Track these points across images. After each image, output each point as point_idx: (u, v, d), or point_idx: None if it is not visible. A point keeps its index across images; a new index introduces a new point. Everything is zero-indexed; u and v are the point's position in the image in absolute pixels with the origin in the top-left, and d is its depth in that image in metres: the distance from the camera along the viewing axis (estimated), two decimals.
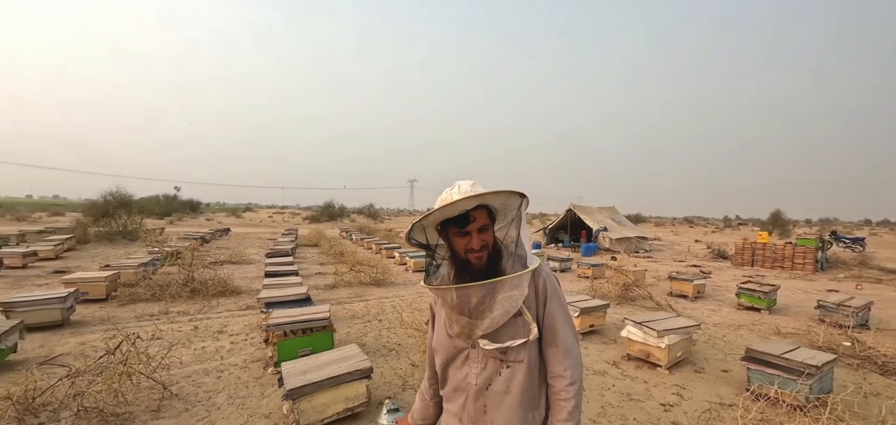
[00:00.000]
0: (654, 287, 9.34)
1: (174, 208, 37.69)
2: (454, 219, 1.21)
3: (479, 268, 1.24)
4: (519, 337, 1.23)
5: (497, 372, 1.25)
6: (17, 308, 5.09)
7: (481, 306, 1.21)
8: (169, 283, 7.23)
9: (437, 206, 1.19)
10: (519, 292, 1.22)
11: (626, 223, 20.97)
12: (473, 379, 1.27)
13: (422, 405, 1.52)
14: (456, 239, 1.24)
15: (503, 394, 1.24)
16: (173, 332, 5.26)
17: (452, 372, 1.33)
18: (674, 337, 4.38)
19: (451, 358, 1.33)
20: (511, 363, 1.25)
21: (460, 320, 1.24)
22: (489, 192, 1.17)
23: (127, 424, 3.11)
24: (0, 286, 7.71)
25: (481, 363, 1.27)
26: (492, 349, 1.23)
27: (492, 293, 1.20)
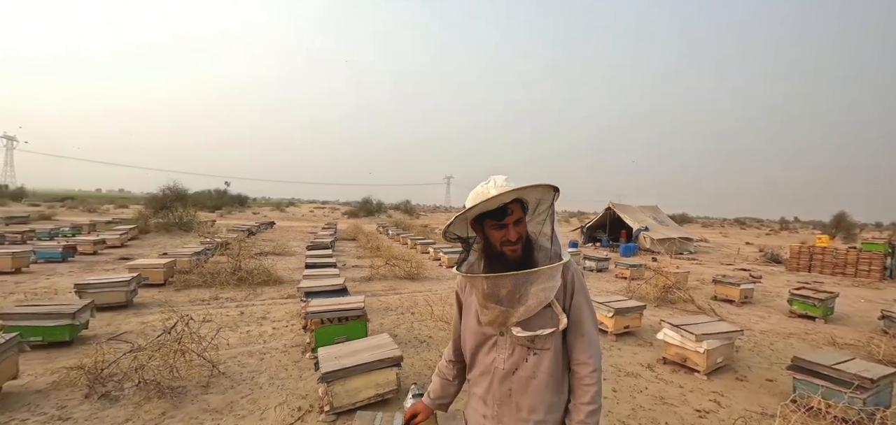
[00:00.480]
0: (697, 290, 8.92)
1: (224, 202, 40.01)
2: (492, 212, 1.27)
3: (515, 260, 1.29)
4: (548, 327, 1.30)
5: (524, 359, 1.32)
6: (89, 289, 5.67)
7: (515, 295, 1.26)
8: (218, 272, 7.76)
9: (474, 201, 1.24)
10: (552, 284, 1.27)
11: (670, 223, 20.04)
12: (501, 364, 1.33)
13: (441, 383, 1.58)
14: (492, 231, 1.29)
15: (529, 379, 1.31)
16: (221, 316, 5.66)
17: (481, 357, 1.41)
18: (713, 343, 4.19)
19: (480, 344, 1.40)
20: (538, 350, 1.31)
21: (494, 309, 1.29)
22: (528, 187, 1.22)
23: (180, 396, 3.40)
24: (75, 269, 8.57)
25: (509, 349, 1.33)
26: (523, 337, 1.29)
27: (525, 283, 1.25)
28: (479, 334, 1.39)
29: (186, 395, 3.44)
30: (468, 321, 1.44)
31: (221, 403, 3.35)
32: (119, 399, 3.34)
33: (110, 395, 3.38)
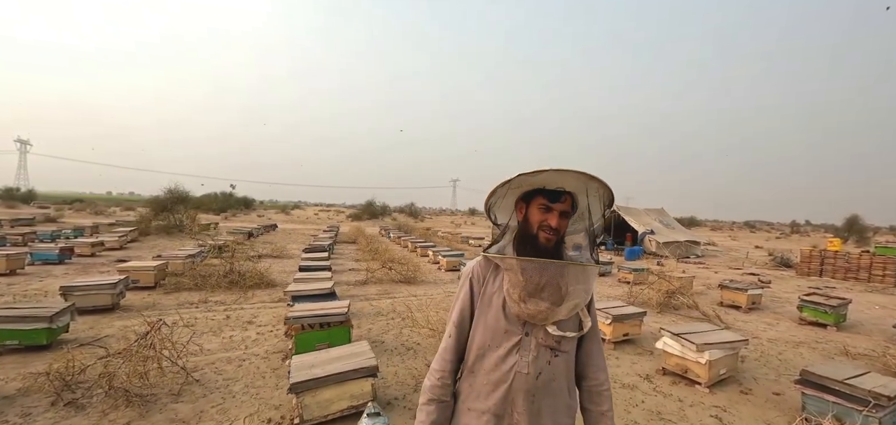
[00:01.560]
0: (703, 296, 8.63)
1: (230, 205, 40.19)
2: (547, 192, 1.24)
3: (546, 248, 1.24)
4: (574, 329, 1.27)
5: (547, 362, 1.25)
6: (74, 292, 5.56)
7: (560, 290, 1.21)
8: (210, 274, 7.64)
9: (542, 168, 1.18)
10: (589, 287, 1.26)
11: (676, 226, 19.64)
12: (524, 368, 1.23)
13: (441, 411, 1.31)
14: (536, 210, 1.25)
15: (550, 382, 1.25)
16: (207, 321, 5.51)
17: (491, 364, 1.25)
18: (716, 353, 3.95)
19: (497, 345, 1.25)
20: (560, 352, 1.27)
21: (539, 303, 1.20)
22: (598, 179, 1.19)
23: (149, 405, 3.24)
24: (70, 271, 8.51)
25: (534, 351, 1.24)
26: (555, 336, 1.24)
27: (570, 277, 1.21)
28: (499, 333, 1.25)
29: (156, 404, 3.28)
30: (486, 316, 1.28)
31: (190, 413, 3.18)
32: (86, 407, 3.19)
33: (77, 403, 3.23)
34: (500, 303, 1.27)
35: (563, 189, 1.25)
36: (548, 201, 1.24)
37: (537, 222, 1.25)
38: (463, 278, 1.35)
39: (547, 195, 1.25)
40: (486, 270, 1.33)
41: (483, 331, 1.28)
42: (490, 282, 1.31)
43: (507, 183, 1.25)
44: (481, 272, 1.33)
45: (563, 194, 1.25)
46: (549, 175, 1.19)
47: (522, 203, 1.30)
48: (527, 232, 1.28)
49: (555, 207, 1.24)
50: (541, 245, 1.25)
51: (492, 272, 1.32)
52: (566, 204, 1.26)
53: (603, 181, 1.20)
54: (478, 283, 1.32)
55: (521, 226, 1.31)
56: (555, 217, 1.24)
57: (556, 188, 1.24)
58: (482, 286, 1.31)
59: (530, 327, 1.25)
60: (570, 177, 1.20)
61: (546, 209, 1.25)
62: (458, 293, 1.36)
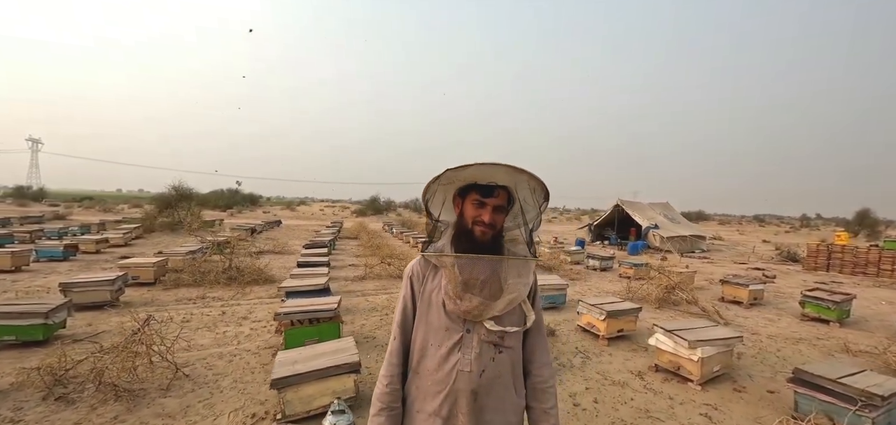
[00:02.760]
0: (705, 291, 8.52)
1: (236, 201, 40.52)
2: (480, 187, 1.23)
3: (481, 243, 1.24)
4: (516, 324, 1.26)
5: (490, 359, 1.23)
6: (73, 288, 5.63)
7: (494, 285, 1.21)
8: (209, 270, 7.70)
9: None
10: (529, 279, 1.26)
11: (682, 220, 19.43)
12: (467, 367, 1.21)
13: (393, 420, 1.28)
14: (470, 206, 1.25)
15: (495, 379, 1.22)
16: (202, 316, 5.56)
17: (433, 364, 1.23)
18: (709, 349, 3.89)
19: (437, 345, 1.23)
20: (504, 348, 1.24)
21: (472, 299, 1.20)
22: (528, 172, 1.18)
23: (137, 399, 3.28)
24: (74, 268, 8.64)
25: (476, 348, 1.21)
26: (495, 331, 1.21)
27: (505, 271, 1.22)
28: (440, 331, 1.23)
29: (144, 398, 3.31)
30: (427, 315, 1.26)
31: (177, 407, 3.21)
32: (76, 401, 3.23)
33: (68, 397, 3.27)
34: (440, 301, 1.26)
35: (496, 183, 1.24)
36: (480, 196, 1.23)
37: (472, 217, 1.25)
38: (404, 278, 1.34)
39: (480, 190, 1.24)
40: (425, 269, 1.32)
41: (424, 331, 1.27)
42: (429, 281, 1.30)
43: (437, 179, 1.24)
44: (421, 271, 1.32)
45: (496, 189, 1.24)
46: (477, 169, 1.18)
47: (459, 198, 1.30)
48: (463, 227, 1.27)
49: (488, 202, 1.23)
50: (477, 240, 1.24)
51: (432, 270, 1.31)
52: (500, 198, 1.25)
53: (532, 174, 1.19)
54: (418, 282, 1.31)
55: (458, 222, 1.30)
56: (488, 212, 1.23)
57: (488, 183, 1.23)
58: (422, 285, 1.30)
59: (471, 324, 1.23)
60: (499, 171, 1.19)
61: (479, 204, 1.24)
62: (400, 294, 1.34)
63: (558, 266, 10.57)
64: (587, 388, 3.73)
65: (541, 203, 1.29)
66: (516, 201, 1.31)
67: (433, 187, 1.27)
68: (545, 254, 11.67)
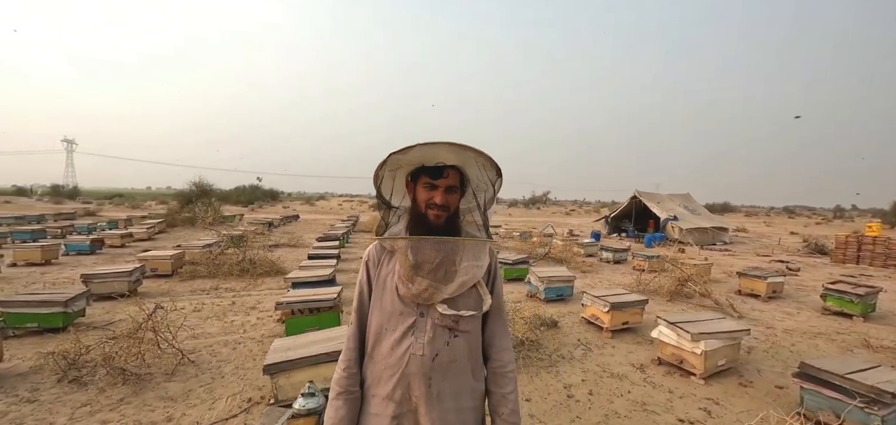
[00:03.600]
0: (721, 284, 8.26)
1: (256, 197, 41.55)
2: (429, 169, 1.21)
3: (436, 226, 1.22)
4: (472, 308, 1.24)
5: (445, 343, 1.21)
6: (94, 279, 5.90)
7: (445, 268, 1.20)
8: (224, 262, 7.93)
9: None
10: (482, 262, 1.25)
11: (703, 212, 18.82)
12: (419, 351, 1.19)
13: (349, 406, 1.26)
14: (421, 189, 1.24)
15: (450, 363, 1.21)
16: (213, 306, 5.74)
17: (390, 345, 1.22)
18: (713, 343, 3.77)
19: (392, 328, 1.23)
20: (460, 332, 1.22)
21: (421, 282, 1.19)
22: (472, 148, 1.15)
23: (144, 383, 3.42)
24: (100, 261, 9.04)
25: (430, 332, 1.20)
26: (449, 314, 1.20)
27: (456, 254, 1.21)
28: (394, 315, 1.22)
29: (150, 382, 3.45)
30: (381, 300, 1.26)
31: (179, 391, 3.33)
32: (88, 384, 3.39)
33: (81, 380, 3.44)
34: (394, 286, 1.25)
35: (444, 164, 1.22)
36: (430, 178, 1.22)
37: (424, 201, 1.24)
38: (361, 264, 1.34)
39: (429, 172, 1.22)
40: (381, 253, 1.32)
41: (379, 315, 1.26)
42: (384, 265, 1.29)
43: (383, 164, 1.22)
44: (376, 255, 1.32)
45: (446, 169, 1.22)
46: (422, 150, 1.16)
47: (411, 182, 1.28)
48: (417, 212, 1.26)
49: (438, 183, 1.22)
50: (431, 224, 1.23)
51: (387, 255, 1.31)
52: (451, 179, 1.23)
53: (479, 151, 1.16)
54: (373, 266, 1.31)
55: (412, 208, 1.29)
56: (439, 193, 1.21)
57: (435, 164, 1.21)
58: (377, 269, 1.30)
59: (425, 308, 1.22)
60: (443, 150, 1.17)
61: (430, 187, 1.23)
62: (357, 279, 1.35)
63: (570, 258, 10.43)
64: (583, 380, 3.68)
65: (493, 181, 1.26)
66: (470, 180, 1.30)
67: (381, 173, 1.25)
68: (558, 247, 11.54)
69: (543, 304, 6.27)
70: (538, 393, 3.41)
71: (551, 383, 3.60)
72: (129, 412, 3.02)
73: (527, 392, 3.42)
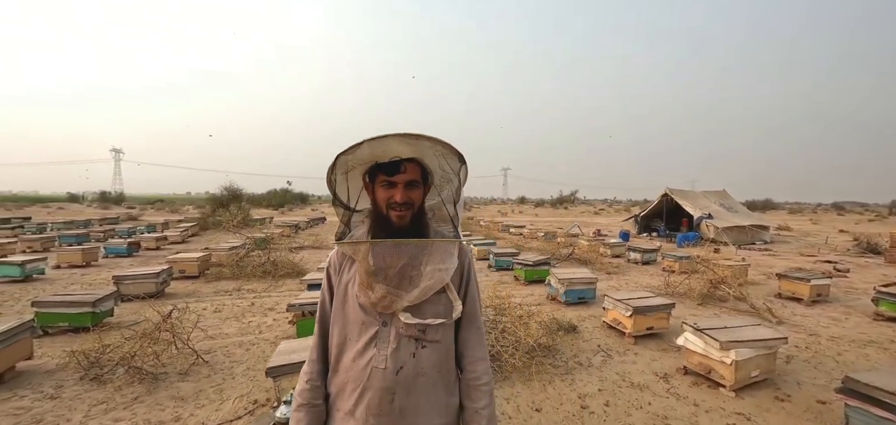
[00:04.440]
0: (760, 287, 7.72)
1: (287, 200, 42.77)
2: (384, 166, 1.12)
3: (400, 228, 1.14)
4: (442, 315, 1.14)
5: (410, 354, 1.11)
6: (124, 281, 6.16)
7: (406, 273, 1.11)
8: (248, 264, 8.13)
9: None
10: (449, 265, 1.14)
11: (741, 210, 17.79)
12: (382, 363, 1.10)
13: (314, 416, 1.19)
14: (380, 189, 1.15)
15: (416, 377, 1.11)
16: (233, 307, 5.87)
17: (349, 360, 1.14)
18: (745, 351, 3.48)
19: (354, 339, 1.14)
20: (428, 343, 1.13)
21: (380, 289, 1.10)
22: (426, 136, 1.05)
23: (158, 382, 3.50)
24: (135, 263, 9.48)
25: (393, 343, 1.11)
26: (413, 324, 1.10)
27: (419, 257, 1.12)
28: (355, 326, 1.13)
29: (164, 382, 3.53)
30: (343, 309, 1.17)
31: (191, 391, 3.39)
32: (107, 382, 3.50)
33: (102, 378, 3.55)
34: (355, 293, 1.15)
35: (400, 158, 1.12)
36: (386, 176, 1.13)
37: (384, 201, 1.15)
38: (324, 272, 1.25)
39: (384, 169, 1.13)
40: (342, 259, 1.22)
41: (341, 325, 1.17)
42: (346, 271, 1.20)
43: (332, 168, 1.13)
44: (338, 261, 1.23)
45: (402, 163, 1.13)
46: (371, 145, 1.07)
47: (370, 183, 1.20)
48: (379, 214, 1.17)
49: (396, 179, 1.13)
50: (394, 225, 1.14)
51: (348, 260, 1.21)
52: (410, 173, 1.13)
53: (435, 139, 1.07)
54: (335, 273, 1.22)
55: (373, 210, 1.20)
56: (399, 191, 1.13)
57: (390, 159, 1.12)
58: (338, 275, 1.21)
59: (388, 317, 1.12)
60: (394, 143, 1.07)
61: (388, 184, 1.14)
62: (321, 287, 1.26)
63: (595, 259, 10.07)
64: (600, 390, 3.48)
65: (456, 170, 1.16)
66: (433, 173, 1.20)
67: (332, 177, 1.17)
68: (583, 248, 11.18)
69: (564, 307, 6.05)
70: (550, 402, 3.24)
71: (565, 392, 3.41)
72: (140, 411, 3.08)
73: (538, 400, 3.25)
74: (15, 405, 3.13)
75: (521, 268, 7.97)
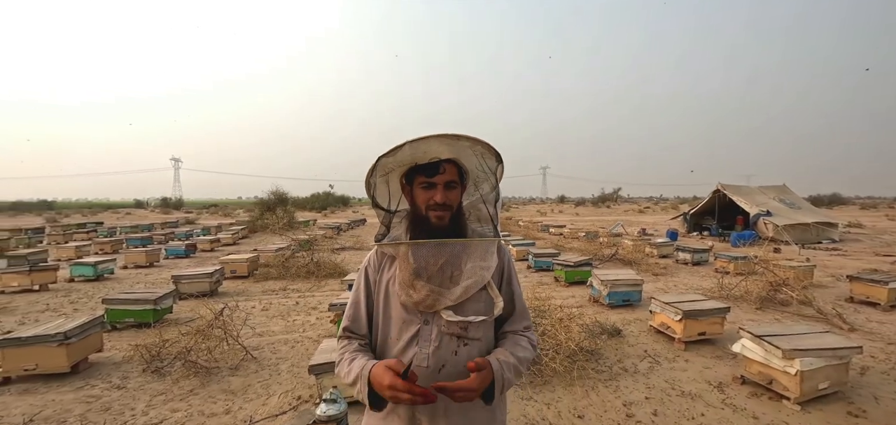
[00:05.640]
0: (827, 290, 7.06)
1: (329, 202, 44.32)
2: (423, 167, 1.14)
3: (439, 228, 1.15)
4: (483, 313, 1.15)
5: (452, 352, 1.12)
6: (182, 280, 6.61)
7: (448, 271, 1.12)
8: (292, 265, 8.48)
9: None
10: (490, 262, 1.16)
11: (804, 205, 16.34)
12: (424, 362, 1.11)
13: (363, 345, 1.21)
14: (419, 190, 1.17)
15: (458, 374, 1.09)
16: (279, 305, 6.13)
17: (392, 357, 1.15)
18: (812, 361, 3.17)
19: (396, 338, 1.16)
20: (469, 340, 1.13)
21: (423, 288, 1.11)
22: (466, 136, 1.07)
23: (211, 376, 3.71)
24: (192, 263, 10.16)
25: (435, 341, 1.11)
26: (455, 321, 1.11)
27: (459, 256, 1.13)
28: (397, 324, 1.15)
29: (216, 375, 3.74)
30: (384, 307, 1.20)
31: (240, 385, 3.56)
32: (166, 375, 3.76)
33: (161, 371, 3.82)
34: (396, 292, 1.17)
35: (438, 159, 1.13)
36: (426, 176, 1.14)
37: (424, 203, 1.16)
38: (361, 270, 1.27)
39: (424, 170, 1.14)
40: (381, 259, 1.24)
41: (383, 323, 1.19)
42: (385, 270, 1.22)
43: (372, 170, 1.14)
44: (377, 261, 1.24)
45: (442, 164, 1.14)
46: (412, 147, 1.08)
47: (407, 186, 1.21)
48: (418, 215, 1.18)
49: (436, 180, 1.13)
50: (433, 226, 1.15)
51: (388, 259, 1.23)
52: (449, 173, 1.14)
53: (475, 138, 1.07)
54: (374, 272, 1.23)
55: (411, 211, 1.22)
56: (439, 192, 1.13)
57: (429, 160, 1.13)
58: (378, 274, 1.22)
59: (429, 315, 1.12)
60: (434, 144, 1.08)
61: (428, 186, 1.15)
62: (354, 285, 1.28)
63: (641, 260, 9.63)
64: (647, 398, 3.30)
65: (493, 169, 1.18)
66: (470, 172, 1.21)
67: (372, 180, 1.18)
68: (628, 248, 10.73)
69: (607, 310, 5.82)
70: (593, 409, 3.12)
71: (609, 399, 3.27)
72: (195, 403, 3.28)
73: (580, 407, 3.14)
74: (87, 393, 3.43)
75: (562, 269, 7.76)
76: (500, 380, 1.08)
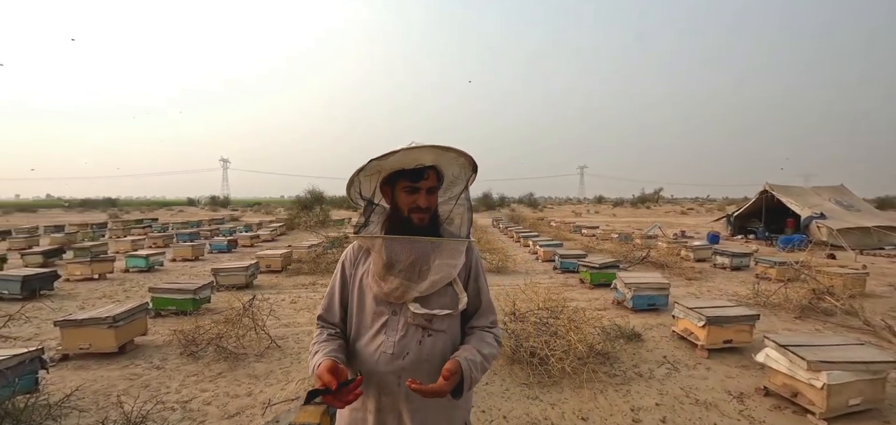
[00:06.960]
0: (884, 300, 6.49)
1: None
2: (408, 172, 1.22)
3: (421, 228, 1.24)
4: (448, 307, 1.23)
5: (416, 342, 1.20)
6: (220, 273, 7.10)
7: (417, 266, 1.21)
8: (323, 261, 8.85)
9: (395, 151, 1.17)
10: (457, 261, 1.25)
11: (864, 208, 14.97)
12: (389, 348, 1.19)
13: (333, 334, 1.28)
14: (402, 194, 1.24)
15: (420, 363, 1.19)
16: (307, 299, 6.44)
17: (362, 346, 1.26)
18: (841, 375, 2.97)
19: (367, 327, 1.26)
20: (433, 331, 1.22)
21: (393, 280, 1.20)
22: (453, 149, 1.18)
23: (239, 361, 4.00)
24: (234, 258, 10.82)
25: (401, 331, 1.20)
26: (421, 313, 1.19)
27: (429, 254, 1.22)
28: (369, 314, 1.25)
29: (243, 361, 4.02)
30: (359, 299, 1.28)
31: (263, 371, 3.82)
32: (199, 358, 4.09)
33: (196, 354, 4.16)
34: (369, 284, 1.26)
35: (423, 165, 1.22)
36: (411, 181, 1.22)
37: (407, 205, 1.24)
38: (338, 264, 1.36)
39: (409, 175, 1.22)
40: (358, 252, 1.33)
41: (357, 313, 1.28)
42: (361, 264, 1.30)
43: (361, 170, 1.22)
44: (353, 255, 1.33)
45: (426, 170, 1.23)
46: (404, 154, 1.17)
47: (386, 187, 1.28)
48: (399, 216, 1.26)
49: (420, 185, 1.22)
50: (415, 227, 1.24)
51: (364, 253, 1.32)
52: (431, 179, 1.24)
53: (460, 150, 1.19)
54: (350, 265, 1.32)
55: (391, 211, 1.30)
56: (422, 196, 1.23)
57: (415, 166, 1.21)
58: (353, 267, 1.31)
59: (398, 306, 1.21)
60: (424, 153, 1.19)
61: (412, 190, 1.23)
62: (332, 278, 1.37)
63: (674, 263, 9.23)
64: (658, 404, 3.22)
65: (469, 176, 1.29)
66: (446, 178, 1.30)
67: (357, 179, 1.26)
68: (661, 250, 10.33)
69: (630, 314, 5.67)
70: (598, 412, 3.09)
71: (617, 403, 3.22)
72: (222, 384, 3.55)
73: (585, 409, 3.12)
74: (131, 371, 3.81)
75: (587, 271, 7.61)
76: (468, 379, 1.15)
